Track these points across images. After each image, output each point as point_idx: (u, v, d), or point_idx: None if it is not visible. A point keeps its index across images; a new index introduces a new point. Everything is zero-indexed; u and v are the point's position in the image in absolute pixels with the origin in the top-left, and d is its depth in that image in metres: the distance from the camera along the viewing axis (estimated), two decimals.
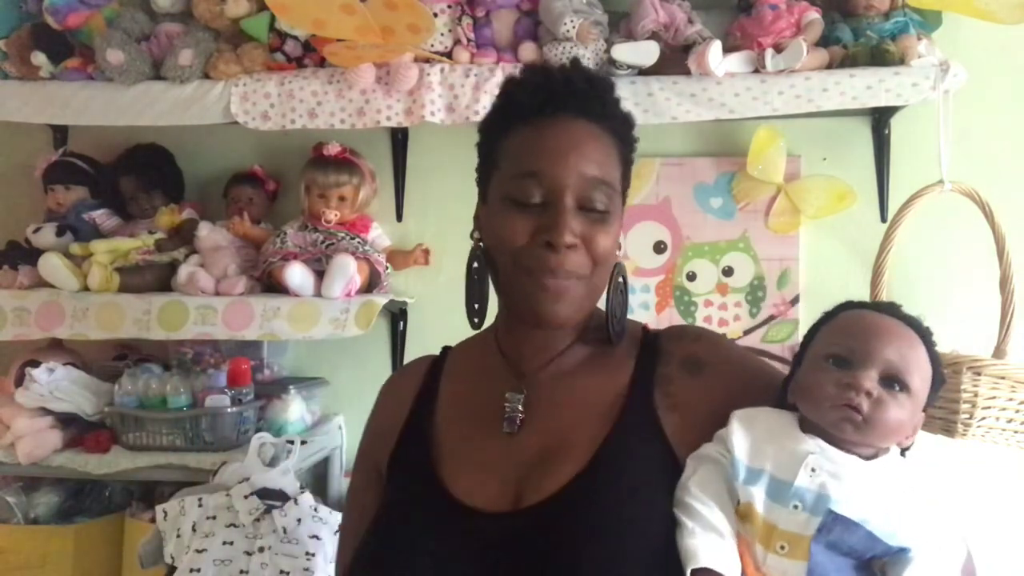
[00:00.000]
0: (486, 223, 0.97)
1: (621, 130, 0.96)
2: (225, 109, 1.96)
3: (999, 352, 1.60)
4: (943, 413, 1.59)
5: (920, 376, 0.86)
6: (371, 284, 1.99)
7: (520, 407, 0.94)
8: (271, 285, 1.97)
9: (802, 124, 2.02)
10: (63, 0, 2.01)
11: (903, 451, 0.90)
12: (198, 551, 1.61)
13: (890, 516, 0.81)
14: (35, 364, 1.95)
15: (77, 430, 1.93)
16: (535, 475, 0.90)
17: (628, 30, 1.91)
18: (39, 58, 2.02)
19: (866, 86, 1.79)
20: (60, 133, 2.26)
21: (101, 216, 2.12)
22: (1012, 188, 1.92)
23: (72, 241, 2.02)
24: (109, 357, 2.15)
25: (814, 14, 1.87)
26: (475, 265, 1.00)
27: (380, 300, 1.94)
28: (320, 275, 1.94)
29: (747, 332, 2.08)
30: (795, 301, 2.06)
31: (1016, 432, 1.59)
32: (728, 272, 2.10)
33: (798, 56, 1.78)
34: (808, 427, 0.87)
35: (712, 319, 2.11)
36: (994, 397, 1.56)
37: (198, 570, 1.59)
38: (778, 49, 1.82)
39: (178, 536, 1.64)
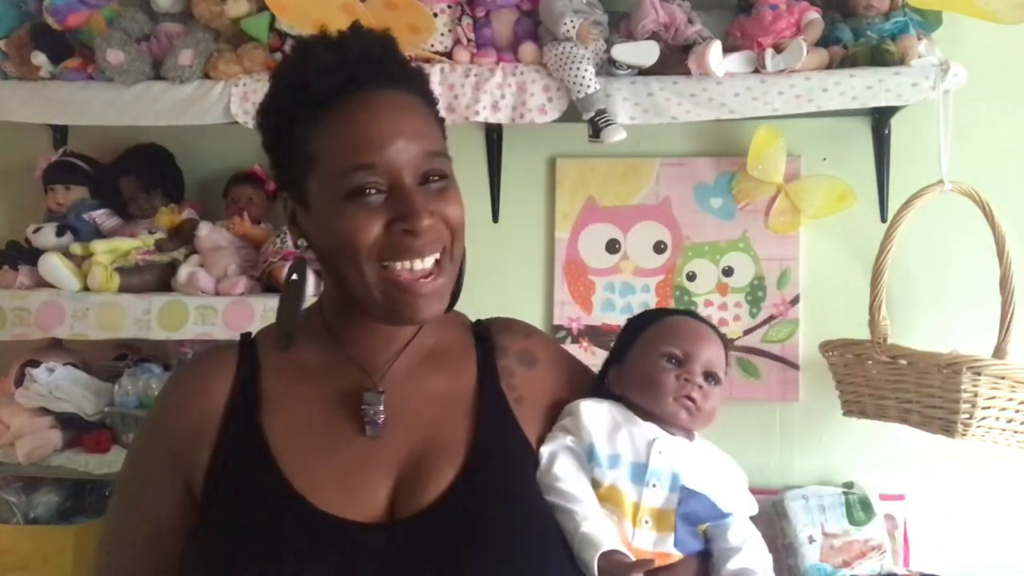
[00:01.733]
0: (316, 227, 0.89)
1: (425, 90, 0.92)
2: (225, 109, 1.96)
3: (999, 352, 1.60)
4: (943, 413, 1.59)
5: (723, 370, 1.02)
6: None
7: (381, 408, 0.88)
8: (271, 285, 1.97)
9: (802, 124, 2.02)
10: (63, 0, 2.01)
11: None
12: None
13: (720, 486, 0.96)
14: (35, 364, 1.95)
15: (77, 430, 1.93)
16: (410, 482, 0.85)
17: (628, 30, 1.91)
18: (39, 58, 2.02)
19: (866, 86, 1.79)
20: (60, 133, 2.26)
21: (101, 216, 2.12)
22: (1012, 188, 1.92)
23: (72, 241, 2.02)
24: (109, 357, 2.15)
25: (814, 14, 1.87)
26: (294, 277, 0.95)
27: None
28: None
29: (747, 332, 2.08)
30: (795, 301, 2.06)
31: (1016, 432, 1.59)
32: (728, 272, 2.10)
33: (798, 56, 1.78)
34: (640, 415, 0.98)
35: (712, 319, 2.10)
36: (994, 397, 1.56)
37: None
38: (778, 49, 1.82)
39: None
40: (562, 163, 2.15)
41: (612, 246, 2.14)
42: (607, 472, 0.92)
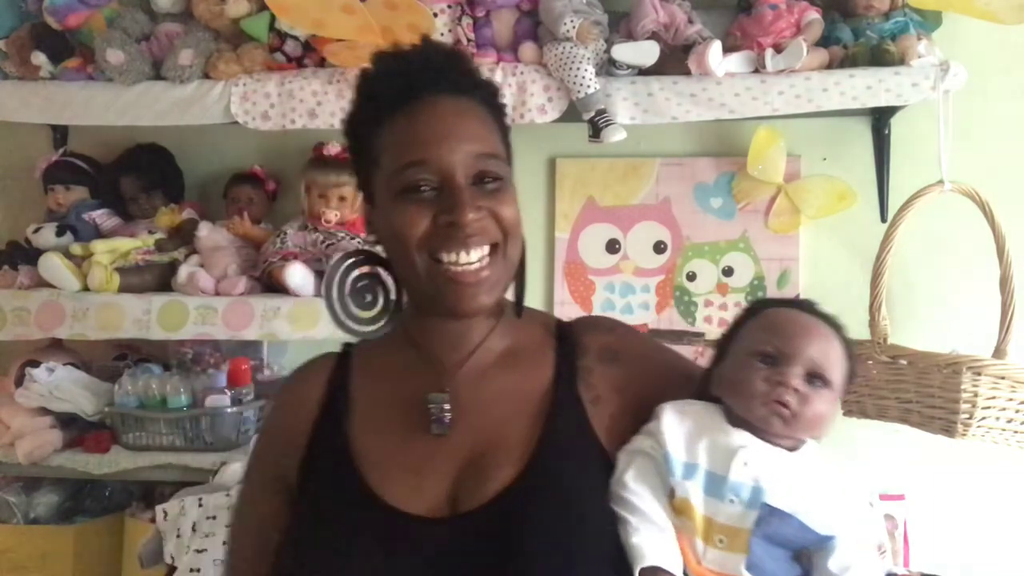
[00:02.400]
0: (380, 224, 0.94)
1: (490, 99, 0.96)
2: (225, 109, 1.96)
3: (999, 352, 1.60)
4: (943, 413, 1.59)
5: (839, 371, 0.89)
6: None
7: (446, 407, 0.90)
8: (271, 285, 1.97)
9: (802, 124, 2.02)
10: (63, 0, 2.01)
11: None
12: (198, 551, 1.61)
13: (818, 506, 0.83)
14: (35, 364, 1.95)
15: (77, 430, 1.93)
16: (471, 478, 0.87)
17: (628, 30, 1.91)
18: (39, 58, 2.02)
19: (866, 86, 1.79)
20: (60, 133, 2.26)
21: (101, 216, 2.12)
22: (1012, 188, 1.92)
23: (72, 241, 2.02)
24: (109, 357, 2.15)
25: (814, 14, 1.87)
26: (348, 265, 0.97)
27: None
28: (320, 275, 1.94)
29: None
30: None
31: (1016, 432, 1.59)
32: (728, 272, 2.10)
33: (798, 56, 1.78)
34: (734, 420, 0.88)
35: (712, 319, 2.11)
36: (994, 397, 1.56)
37: (198, 570, 1.59)
38: (778, 49, 1.82)
39: (178, 536, 1.64)
40: (562, 163, 2.15)
41: (612, 246, 2.14)
42: (680, 482, 0.85)
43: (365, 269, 0.98)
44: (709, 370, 0.95)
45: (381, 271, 0.98)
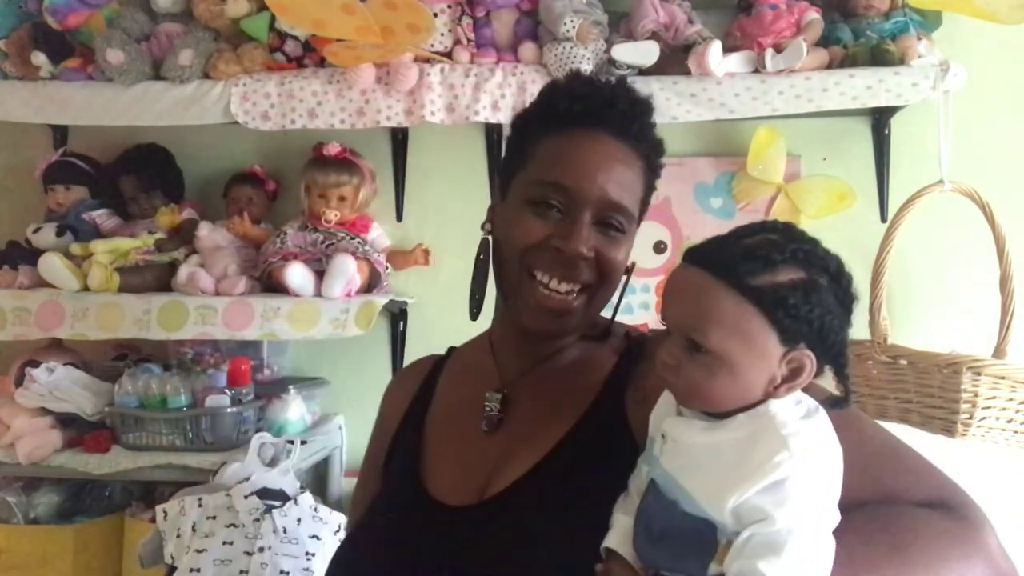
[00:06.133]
0: (501, 219, 0.98)
1: (651, 155, 0.98)
2: (225, 109, 1.96)
3: (999, 352, 1.60)
4: (943, 413, 1.59)
5: (718, 327, 0.72)
6: (371, 284, 1.99)
7: (498, 406, 0.95)
8: (271, 285, 1.97)
9: (802, 124, 2.02)
10: (63, 0, 2.01)
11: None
12: (198, 551, 1.60)
13: (712, 487, 0.70)
14: (35, 364, 1.95)
15: (77, 430, 1.93)
16: (498, 471, 0.91)
17: (628, 30, 1.91)
18: (39, 58, 2.02)
19: (866, 86, 1.79)
20: (60, 133, 2.26)
21: (101, 216, 2.12)
22: (1012, 188, 1.92)
23: (72, 241, 2.02)
24: (109, 357, 2.15)
25: (814, 14, 1.87)
26: (481, 256, 1.01)
27: (380, 300, 1.94)
28: (320, 275, 1.94)
29: None
30: None
31: (1016, 432, 1.59)
32: None
33: (798, 56, 1.78)
34: None
35: None
36: (994, 397, 1.56)
37: (198, 570, 1.59)
38: (778, 49, 1.82)
39: (178, 536, 1.64)
40: None
41: None
42: (641, 465, 0.82)
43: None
44: None
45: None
